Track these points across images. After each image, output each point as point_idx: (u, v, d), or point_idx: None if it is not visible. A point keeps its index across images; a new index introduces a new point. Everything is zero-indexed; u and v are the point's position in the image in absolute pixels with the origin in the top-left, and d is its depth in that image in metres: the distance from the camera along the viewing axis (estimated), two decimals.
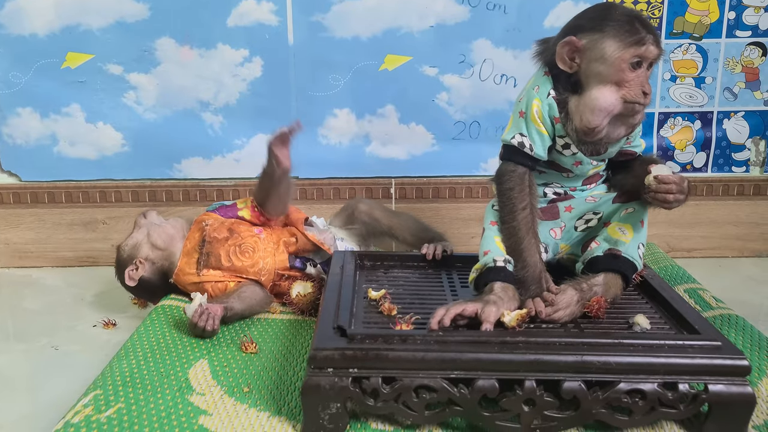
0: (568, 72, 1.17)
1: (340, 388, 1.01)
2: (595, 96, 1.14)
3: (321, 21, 1.76)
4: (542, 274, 1.19)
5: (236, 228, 1.49)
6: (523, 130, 1.21)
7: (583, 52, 1.15)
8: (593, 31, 1.14)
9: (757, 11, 1.79)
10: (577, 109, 1.17)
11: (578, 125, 1.17)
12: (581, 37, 1.15)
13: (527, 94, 1.21)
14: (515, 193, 1.21)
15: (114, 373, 1.16)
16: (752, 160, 1.89)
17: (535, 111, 1.19)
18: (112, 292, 1.66)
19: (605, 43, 1.13)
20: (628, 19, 1.14)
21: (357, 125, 1.83)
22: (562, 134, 1.21)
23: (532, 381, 1.01)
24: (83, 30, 1.74)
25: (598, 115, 1.14)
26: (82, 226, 1.86)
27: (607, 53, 1.12)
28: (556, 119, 1.20)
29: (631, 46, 1.12)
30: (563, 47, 1.15)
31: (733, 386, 1.01)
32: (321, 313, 1.14)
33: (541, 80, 1.21)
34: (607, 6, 1.19)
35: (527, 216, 1.20)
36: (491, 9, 1.77)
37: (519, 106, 1.22)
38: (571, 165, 1.25)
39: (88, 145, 1.82)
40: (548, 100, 1.19)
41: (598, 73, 1.14)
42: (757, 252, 1.93)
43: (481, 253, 1.22)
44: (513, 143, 1.21)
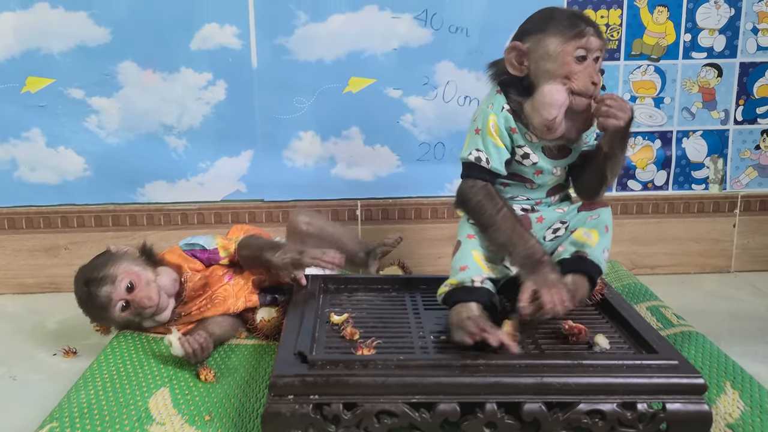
0: (519, 76, 1.20)
1: (301, 415, 1.01)
2: (547, 89, 1.17)
3: (284, 44, 1.76)
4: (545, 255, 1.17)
5: (210, 279, 1.44)
6: (479, 146, 1.23)
7: (529, 53, 1.19)
8: (536, 32, 1.19)
9: (712, 33, 1.83)
10: (532, 108, 1.19)
11: (537, 124, 1.19)
12: (525, 40, 1.19)
13: (482, 113, 1.24)
14: (486, 201, 1.21)
15: (71, 404, 1.14)
16: (711, 177, 1.93)
17: (491, 125, 1.22)
18: (74, 319, 1.62)
19: (548, 40, 1.17)
20: (567, 16, 1.19)
21: (322, 147, 1.84)
22: (521, 143, 1.23)
23: (493, 404, 1.02)
24: (43, 54, 1.72)
25: (552, 108, 1.17)
26: (44, 251, 1.83)
27: (550, 49, 1.16)
28: (512, 129, 1.23)
29: (573, 38, 1.16)
30: (509, 53, 1.20)
31: (690, 404, 1.02)
32: (282, 339, 1.13)
33: (493, 98, 1.25)
34: (547, 9, 1.24)
35: (507, 212, 1.21)
36: (453, 32, 1.79)
37: (474, 125, 1.25)
38: (532, 174, 1.27)
39: (50, 170, 1.79)
40: (503, 113, 1.23)
41: (546, 70, 1.17)
42: (718, 268, 1.96)
43: (455, 267, 1.22)
44: (470, 159, 1.24)
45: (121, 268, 1.37)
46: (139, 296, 1.35)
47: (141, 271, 1.38)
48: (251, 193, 1.85)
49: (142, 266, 1.40)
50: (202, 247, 1.46)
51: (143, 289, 1.36)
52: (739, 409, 1.13)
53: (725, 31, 1.83)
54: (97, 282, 1.35)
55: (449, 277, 1.22)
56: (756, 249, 1.96)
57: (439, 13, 1.77)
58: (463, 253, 1.23)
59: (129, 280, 1.36)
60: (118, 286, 1.35)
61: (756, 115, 1.90)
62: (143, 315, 1.38)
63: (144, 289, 1.36)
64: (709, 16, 1.82)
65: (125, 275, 1.36)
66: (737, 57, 1.85)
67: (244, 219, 1.83)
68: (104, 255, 1.42)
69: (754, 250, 1.96)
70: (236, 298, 1.43)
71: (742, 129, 1.90)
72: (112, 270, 1.36)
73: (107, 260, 1.39)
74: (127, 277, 1.36)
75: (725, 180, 1.93)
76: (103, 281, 1.35)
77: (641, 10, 1.81)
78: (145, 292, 1.36)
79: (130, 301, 1.36)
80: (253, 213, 1.84)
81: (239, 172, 1.83)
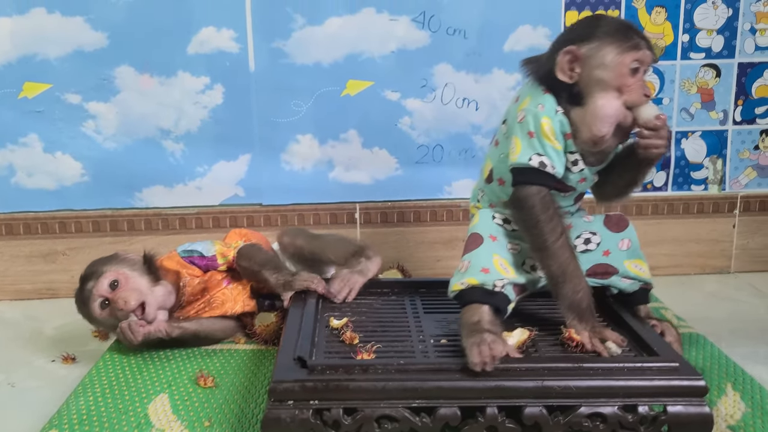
0: (568, 83, 1.16)
1: (301, 421, 1.00)
2: (600, 104, 1.14)
3: (282, 47, 1.76)
4: (591, 300, 1.16)
5: (209, 284, 1.44)
6: (539, 150, 1.17)
7: (584, 60, 1.14)
8: (591, 39, 1.15)
9: (710, 34, 1.83)
10: (583, 120, 1.16)
11: (587, 136, 1.16)
12: (581, 46, 1.15)
13: (532, 114, 1.17)
14: (545, 217, 1.16)
15: (71, 411, 1.14)
16: (710, 178, 1.92)
17: (546, 128, 1.16)
18: (72, 326, 1.62)
19: (605, 50, 1.13)
20: (622, 27, 1.16)
21: (320, 151, 1.83)
22: (573, 150, 1.19)
23: (494, 407, 1.01)
24: (40, 59, 1.72)
25: (606, 123, 1.15)
26: (42, 257, 1.82)
27: (607, 59, 1.13)
28: (567, 135, 1.18)
29: (630, 50, 1.13)
30: (564, 56, 1.15)
31: (691, 407, 1.02)
32: (282, 344, 1.13)
33: (542, 98, 1.18)
34: (598, 17, 1.22)
35: (565, 241, 1.16)
36: (451, 34, 1.79)
37: (524, 127, 1.18)
38: (576, 182, 1.24)
39: (47, 176, 1.79)
40: (558, 116, 1.17)
41: (599, 80, 1.14)
42: (718, 269, 1.96)
43: (476, 265, 1.17)
44: (532, 165, 1.16)
45: (113, 268, 1.38)
46: (117, 296, 1.34)
47: (132, 275, 1.38)
48: (249, 197, 1.84)
49: (138, 273, 1.40)
50: (200, 254, 1.46)
51: (125, 291, 1.35)
52: (740, 411, 1.13)
53: (723, 32, 1.83)
54: (86, 277, 1.38)
55: (466, 273, 1.17)
56: (756, 249, 1.95)
57: (437, 15, 1.77)
58: (485, 253, 1.18)
59: (114, 278, 1.36)
60: (102, 281, 1.36)
61: (755, 116, 1.89)
62: (119, 317, 1.35)
63: (126, 290, 1.35)
64: (706, 16, 1.82)
65: (112, 273, 1.37)
66: (735, 57, 1.85)
67: (242, 223, 1.83)
68: (110, 257, 1.43)
69: (754, 251, 1.95)
70: (234, 302, 1.43)
71: (741, 129, 1.90)
72: (106, 268, 1.37)
73: (107, 260, 1.40)
74: (113, 276, 1.36)
75: (724, 180, 1.93)
76: (91, 276, 1.37)
77: (639, 11, 1.80)
78: (125, 293, 1.34)
79: (110, 299, 1.35)
80: (252, 217, 1.84)
81: (237, 176, 1.83)
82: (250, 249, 1.46)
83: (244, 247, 1.46)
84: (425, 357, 1.12)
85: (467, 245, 1.22)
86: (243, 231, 1.58)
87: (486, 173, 1.31)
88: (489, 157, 1.31)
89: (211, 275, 1.45)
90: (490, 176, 1.29)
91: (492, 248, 1.19)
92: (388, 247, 1.87)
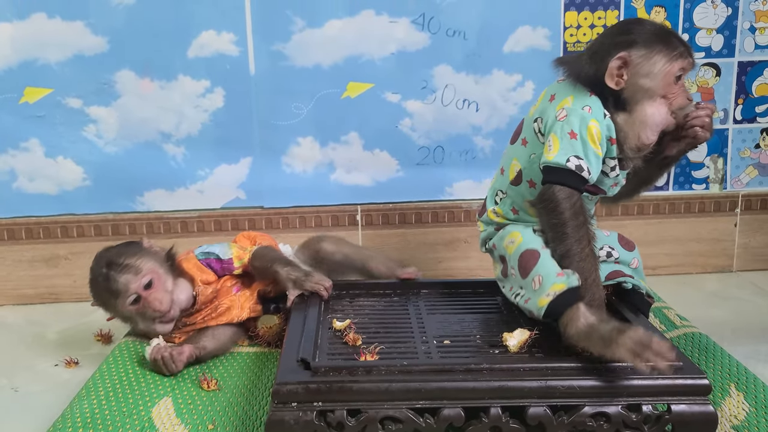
0: (614, 89, 1.16)
1: (305, 423, 1.00)
2: (651, 112, 1.15)
3: (282, 50, 1.76)
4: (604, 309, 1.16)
5: (220, 292, 1.43)
6: (579, 153, 1.15)
7: (632, 68, 1.15)
8: (638, 47, 1.15)
9: (710, 33, 1.83)
10: (631, 127, 1.16)
11: (633, 143, 1.17)
12: (629, 52, 1.15)
13: (577, 115, 1.16)
14: (576, 224, 1.14)
15: (74, 414, 1.14)
16: (711, 177, 1.92)
17: (594, 132, 1.15)
18: (75, 329, 1.63)
19: (654, 59, 1.14)
20: (666, 34, 1.17)
21: (321, 153, 1.83)
22: (614, 155, 1.19)
23: (498, 408, 1.02)
24: (41, 64, 1.72)
25: (655, 131, 1.16)
26: (44, 262, 1.82)
27: (656, 68, 1.14)
28: (612, 140, 1.18)
29: (677, 59, 1.15)
30: (616, 62, 1.15)
31: (695, 406, 1.02)
32: (285, 346, 1.13)
33: (588, 100, 1.17)
34: (639, 21, 1.21)
35: (591, 250, 1.15)
36: (451, 35, 1.79)
37: (565, 126, 1.16)
38: (609, 186, 1.24)
39: (48, 180, 1.79)
40: (606, 120, 1.17)
41: (647, 88, 1.15)
42: (720, 268, 1.96)
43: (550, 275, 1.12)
44: (569, 167, 1.14)
45: (148, 265, 1.37)
46: (152, 296, 1.34)
47: (163, 275, 1.38)
48: (251, 200, 1.84)
49: (165, 270, 1.40)
50: (217, 257, 1.45)
51: (159, 292, 1.35)
52: (745, 411, 1.13)
53: (723, 31, 1.83)
54: (119, 267, 1.34)
55: (545, 286, 1.12)
56: (758, 248, 1.95)
57: (437, 17, 1.77)
58: (550, 261, 1.15)
59: (150, 277, 1.35)
60: (139, 279, 1.35)
61: (755, 114, 1.89)
62: (146, 316, 1.36)
63: (160, 292, 1.35)
64: (706, 15, 1.82)
65: (149, 272, 1.36)
66: (735, 56, 1.85)
67: (244, 226, 1.83)
68: (134, 245, 1.42)
69: (756, 249, 1.95)
70: (241, 309, 1.42)
71: (741, 128, 1.90)
72: (139, 262, 1.36)
73: (137, 251, 1.39)
74: (150, 275, 1.36)
75: (726, 179, 1.93)
76: (127, 269, 1.34)
77: (638, 11, 1.80)
78: (160, 294, 1.35)
79: (143, 297, 1.35)
80: (253, 220, 1.84)
81: (238, 179, 1.83)
82: (264, 249, 1.46)
83: (258, 249, 1.46)
84: (428, 358, 1.12)
85: (526, 264, 1.16)
86: (252, 234, 1.57)
87: (513, 174, 1.28)
88: (515, 158, 1.28)
89: (222, 282, 1.45)
90: (519, 177, 1.26)
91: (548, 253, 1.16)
92: (389, 249, 1.87)
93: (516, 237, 1.20)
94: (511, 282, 1.23)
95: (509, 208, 1.30)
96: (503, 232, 1.26)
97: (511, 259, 1.20)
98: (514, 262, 1.19)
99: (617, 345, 1.00)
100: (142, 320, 1.38)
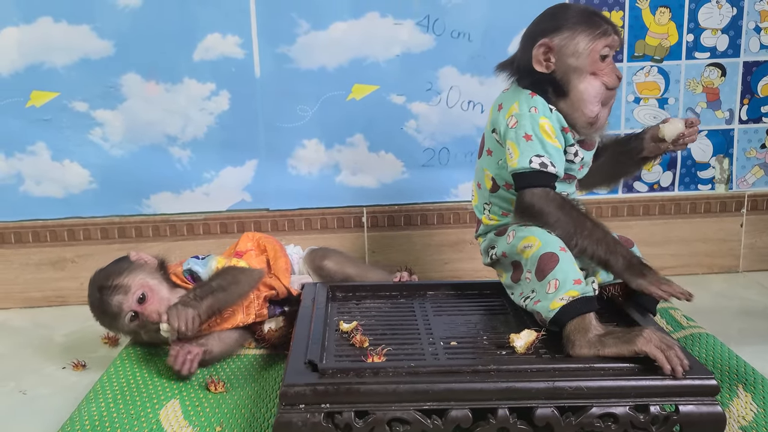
0: (547, 75, 1.21)
1: (313, 425, 1.00)
2: (584, 87, 1.21)
3: (287, 53, 1.76)
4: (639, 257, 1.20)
5: None
6: (539, 151, 1.20)
7: (557, 50, 1.21)
8: (561, 30, 1.21)
9: (714, 33, 1.83)
10: (573, 107, 1.22)
11: (582, 120, 1.22)
12: (553, 38, 1.21)
13: (526, 117, 1.21)
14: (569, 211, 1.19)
15: (83, 417, 1.14)
16: (717, 177, 1.92)
17: (546, 128, 1.21)
18: (82, 332, 1.63)
19: (577, 38, 1.20)
20: (589, 14, 1.23)
21: (326, 155, 1.84)
22: (571, 143, 1.25)
23: (505, 409, 1.01)
24: (47, 68, 1.73)
25: (594, 103, 1.21)
26: (50, 265, 1.83)
27: (580, 47, 1.20)
28: (565, 129, 1.23)
29: (601, 37, 1.20)
30: (539, 49, 1.21)
31: (703, 406, 1.02)
32: (292, 348, 1.13)
33: (532, 101, 1.23)
34: (563, 6, 1.27)
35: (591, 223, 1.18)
36: (456, 37, 1.79)
37: (518, 131, 1.21)
38: (577, 170, 1.29)
39: (55, 184, 1.79)
40: (554, 114, 1.22)
41: (575, 68, 1.21)
42: (726, 268, 1.95)
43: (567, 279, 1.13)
44: (534, 167, 1.19)
45: (137, 280, 1.36)
46: (148, 310, 1.34)
47: (156, 285, 1.37)
48: (256, 203, 1.85)
49: (158, 280, 1.39)
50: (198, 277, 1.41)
51: (154, 303, 1.35)
52: (753, 412, 1.13)
53: (728, 31, 1.83)
54: (110, 290, 1.34)
55: (560, 290, 1.12)
56: (764, 248, 1.95)
57: (441, 19, 1.77)
58: (568, 265, 1.15)
59: (142, 291, 1.35)
60: (130, 297, 1.34)
61: (761, 114, 1.89)
62: (148, 328, 1.37)
63: (155, 303, 1.35)
64: (711, 15, 1.82)
65: (139, 287, 1.35)
66: (740, 56, 1.85)
67: (250, 228, 1.83)
68: (122, 262, 1.41)
69: (762, 250, 1.95)
70: (247, 315, 1.41)
71: (747, 128, 1.90)
72: (127, 280, 1.35)
73: (124, 268, 1.38)
74: (141, 289, 1.35)
75: (731, 179, 1.92)
76: (116, 290, 1.34)
77: (643, 12, 1.81)
78: (155, 306, 1.34)
79: (139, 312, 1.35)
80: (259, 222, 1.84)
81: (244, 181, 1.83)
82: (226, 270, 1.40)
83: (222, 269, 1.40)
84: (435, 359, 1.12)
85: (543, 267, 1.15)
86: (256, 235, 1.57)
87: (489, 184, 1.32)
88: (485, 168, 1.33)
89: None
90: (495, 185, 1.31)
91: (569, 258, 1.16)
92: (395, 251, 1.87)
93: (533, 241, 1.19)
94: (522, 287, 1.23)
95: (499, 214, 1.33)
96: (515, 239, 1.23)
97: (528, 263, 1.19)
98: (532, 265, 1.18)
99: (644, 339, 1.03)
100: (146, 333, 1.38)
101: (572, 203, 1.21)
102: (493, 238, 1.32)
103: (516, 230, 1.24)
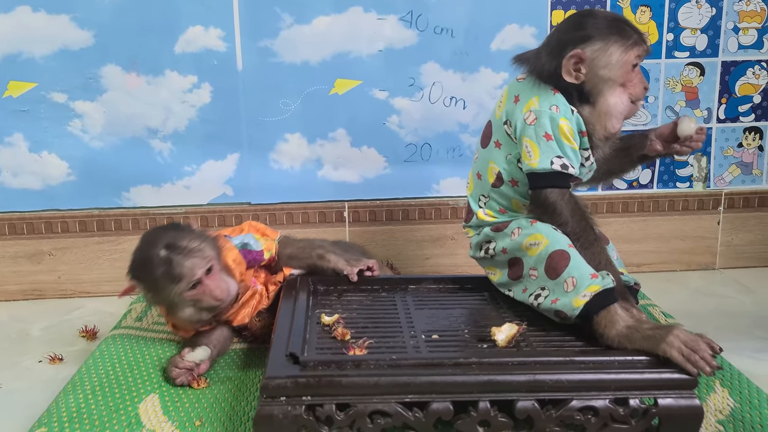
0: (574, 83, 1.19)
1: (294, 417, 1.00)
2: (613, 102, 1.19)
3: (270, 46, 1.76)
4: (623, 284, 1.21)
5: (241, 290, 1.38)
6: (559, 152, 1.19)
7: (589, 62, 1.17)
8: (593, 40, 1.18)
9: (694, 33, 1.85)
10: (597, 118, 1.20)
11: (602, 134, 1.21)
12: (583, 47, 1.17)
13: (546, 115, 1.19)
14: (575, 219, 1.19)
15: (60, 409, 1.13)
16: (695, 175, 1.94)
17: (566, 130, 1.18)
18: (59, 326, 1.62)
19: (610, 50, 1.17)
20: (618, 23, 1.19)
21: (308, 149, 1.83)
22: (586, 146, 1.23)
23: (486, 402, 1.02)
24: (25, 58, 1.71)
25: (619, 119, 1.20)
26: (27, 258, 1.80)
27: (614, 59, 1.17)
28: (583, 133, 1.21)
29: (633, 47, 1.18)
30: (570, 60, 1.17)
31: (681, 399, 1.03)
32: (273, 341, 1.12)
33: (553, 98, 1.20)
34: (591, 13, 1.22)
35: (595, 236, 1.19)
36: (439, 33, 1.79)
37: (539, 130, 1.19)
38: (585, 174, 1.28)
39: (33, 175, 1.77)
40: (574, 116, 1.20)
41: (607, 78, 1.18)
42: (703, 265, 1.98)
43: (584, 276, 1.13)
44: (555, 169, 1.18)
45: (209, 250, 1.29)
46: (214, 284, 1.27)
47: (218, 264, 1.31)
48: (238, 196, 1.84)
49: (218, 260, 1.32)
50: (250, 248, 1.39)
51: (218, 279, 1.28)
52: (729, 407, 1.15)
53: (707, 31, 1.85)
54: (183, 250, 1.24)
55: (580, 287, 1.12)
56: (740, 246, 1.97)
57: (424, 15, 1.78)
58: (580, 261, 1.15)
59: (211, 264, 1.28)
60: (204, 263, 1.26)
61: (738, 113, 1.92)
62: (200, 304, 1.28)
63: (216, 279, 1.28)
64: (690, 15, 1.84)
65: (212, 258, 1.28)
66: (719, 56, 1.87)
67: (231, 222, 1.82)
68: (190, 229, 1.32)
69: (739, 247, 1.98)
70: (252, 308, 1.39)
71: (724, 127, 1.92)
72: (203, 246, 1.27)
73: (198, 236, 1.29)
74: (212, 261, 1.28)
75: (709, 178, 1.95)
76: (192, 252, 1.25)
77: (624, 10, 1.82)
78: (216, 283, 1.28)
79: (204, 284, 1.27)
80: (240, 216, 1.83)
81: (225, 175, 1.82)
82: (290, 238, 1.48)
83: (285, 238, 1.46)
84: (417, 352, 1.12)
85: (556, 265, 1.16)
86: (261, 226, 1.50)
87: (492, 177, 1.28)
88: (491, 161, 1.29)
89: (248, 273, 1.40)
90: (499, 179, 1.28)
91: (578, 254, 1.16)
92: (376, 245, 1.87)
93: (540, 239, 1.19)
94: (526, 284, 1.23)
95: (497, 210, 1.31)
96: (520, 236, 1.23)
97: (534, 260, 1.19)
98: (539, 263, 1.18)
99: (666, 344, 1.03)
100: (194, 308, 1.29)
101: (583, 210, 1.20)
102: (491, 234, 1.30)
103: (521, 227, 1.23)
